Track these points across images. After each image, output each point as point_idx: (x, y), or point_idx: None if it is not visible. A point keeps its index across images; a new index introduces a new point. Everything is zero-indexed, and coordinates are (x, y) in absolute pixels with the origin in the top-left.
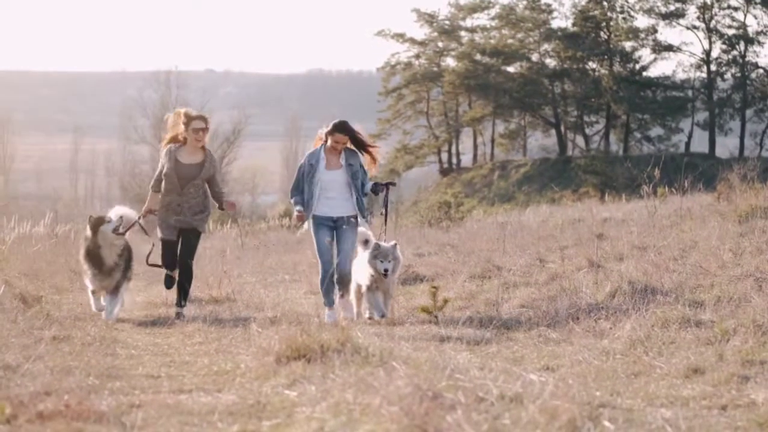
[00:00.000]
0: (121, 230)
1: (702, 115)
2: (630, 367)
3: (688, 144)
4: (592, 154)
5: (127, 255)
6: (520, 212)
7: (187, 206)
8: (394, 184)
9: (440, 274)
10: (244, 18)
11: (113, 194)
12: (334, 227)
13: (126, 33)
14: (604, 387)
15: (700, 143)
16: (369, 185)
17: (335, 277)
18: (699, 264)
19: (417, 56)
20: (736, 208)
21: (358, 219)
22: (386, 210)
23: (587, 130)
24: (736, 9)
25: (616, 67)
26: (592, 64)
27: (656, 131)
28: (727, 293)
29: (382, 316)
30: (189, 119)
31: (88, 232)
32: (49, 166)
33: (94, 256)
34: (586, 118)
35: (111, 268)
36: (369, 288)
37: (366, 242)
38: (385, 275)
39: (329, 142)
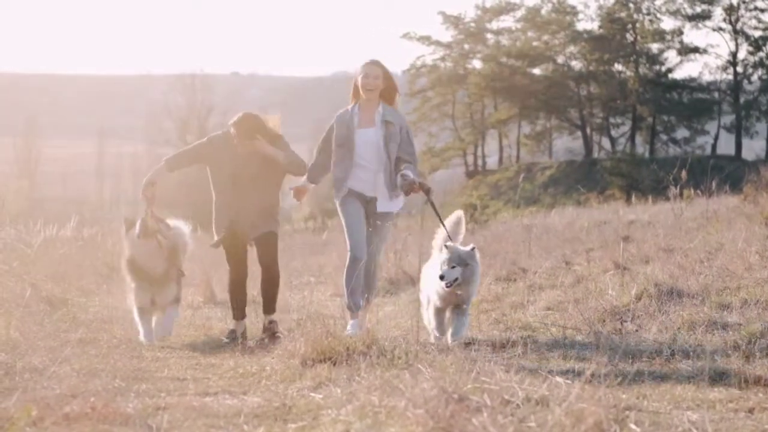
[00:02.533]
0: (140, 235)
1: (728, 118)
2: (657, 369)
3: (714, 146)
4: (618, 156)
5: (177, 262)
6: (545, 214)
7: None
8: (430, 190)
9: None
10: (269, 21)
11: (139, 197)
12: (366, 207)
13: (151, 36)
14: (630, 390)
15: (726, 145)
16: (406, 172)
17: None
18: (725, 266)
19: (443, 59)
20: (762, 210)
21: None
22: (436, 211)
23: (613, 132)
24: (762, 10)
25: (642, 69)
26: (618, 66)
27: (682, 133)
28: (753, 296)
29: (452, 340)
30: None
31: (125, 238)
32: (74, 169)
33: (135, 266)
34: (611, 120)
35: (159, 279)
36: (439, 303)
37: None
38: (450, 284)
39: (360, 82)
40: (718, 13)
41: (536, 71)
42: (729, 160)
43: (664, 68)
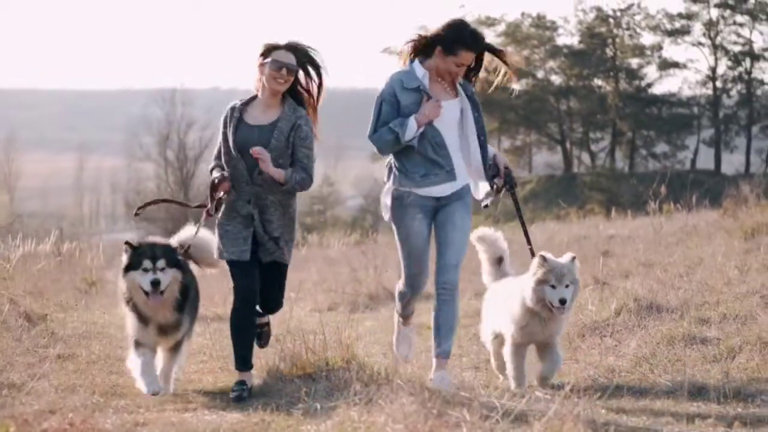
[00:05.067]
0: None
1: (708, 132)
2: (636, 385)
3: (693, 161)
4: (598, 170)
5: (192, 294)
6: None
7: None
8: (515, 185)
9: None
10: (248, 36)
11: (118, 212)
12: (434, 211)
13: (131, 51)
14: (609, 405)
15: (705, 160)
16: (492, 150)
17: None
18: (705, 281)
19: None
20: (742, 224)
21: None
22: (520, 215)
23: (593, 147)
24: (741, 25)
25: (622, 84)
26: (597, 81)
27: (662, 148)
28: (732, 310)
29: (541, 384)
30: None
31: (121, 272)
32: (54, 183)
33: (136, 309)
34: (591, 135)
35: (164, 325)
36: (520, 337)
37: (500, 260)
38: (561, 309)
39: (440, 63)
40: (698, 28)
41: (516, 86)
42: (708, 174)
43: (643, 83)
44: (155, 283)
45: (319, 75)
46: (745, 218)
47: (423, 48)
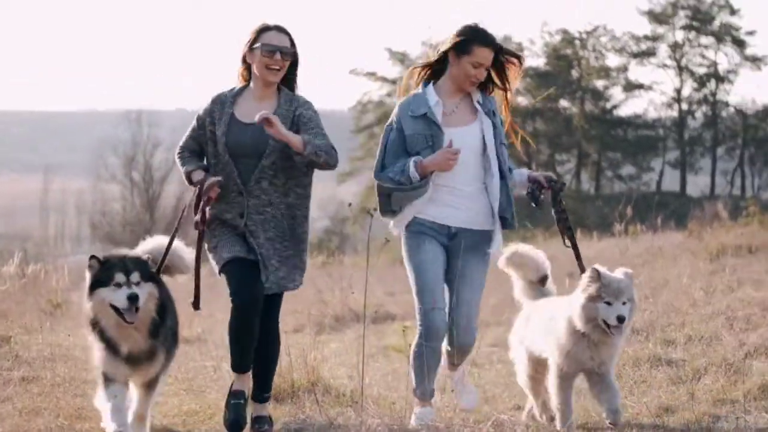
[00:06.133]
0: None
1: (673, 154)
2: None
3: (659, 182)
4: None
5: (169, 316)
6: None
7: None
8: (563, 184)
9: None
10: (214, 58)
11: (83, 233)
12: (448, 246)
13: (97, 72)
14: (576, 426)
15: (671, 182)
16: (517, 173)
17: (446, 344)
18: (670, 302)
19: (389, 94)
20: (707, 246)
21: (495, 239)
22: (566, 223)
23: (558, 169)
24: (706, 47)
25: (588, 106)
26: (563, 103)
27: (627, 170)
28: (698, 332)
29: (614, 419)
30: None
31: (86, 291)
32: (19, 204)
33: (99, 330)
34: (557, 157)
35: (136, 355)
36: (567, 365)
37: (544, 279)
38: (619, 329)
39: (455, 69)
40: (663, 50)
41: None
42: (674, 196)
43: (609, 105)
44: (132, 298)
45: None
46: (710, 240)
47: (435, 65)
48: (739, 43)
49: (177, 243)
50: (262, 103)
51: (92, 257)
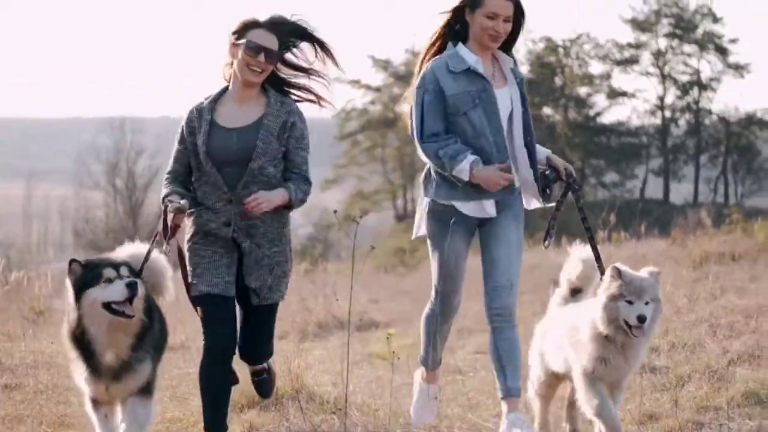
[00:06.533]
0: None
1: (656, 162)
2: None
3: (642, 190)
4: None
5: (156, 327)
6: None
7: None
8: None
9: (396, 320)
10: (198, 66)
11: (66, 240)
12: (476, 227)
13: (80, 79)
14: None
15: (654, 189)
16: (540, 150)
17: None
18: None
19: (372, 102)
20: (690, 253)
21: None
22: (587, 227)
23: None
24: (689, 55)
25: (571, 113)
26: (546, 110)
27: (611, 177)
28: (681, 339)
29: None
30: None
31: (70, 298)
32: (2, 211)
33: (83, 342)
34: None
35: (121, 365)
36: (592, 367)
37: (579, 290)
38: (639, 329)
39: (473, 27)
40: (646, 57)
41: None
42: (657, 203)
43: (592, 112)
44: (131, 286)
45: (326, 50)
46: (694, 247)
47: (455, 30)
48: (722, 51)
49: (164, 263)
50: (244, 105)
51: (72, 261)
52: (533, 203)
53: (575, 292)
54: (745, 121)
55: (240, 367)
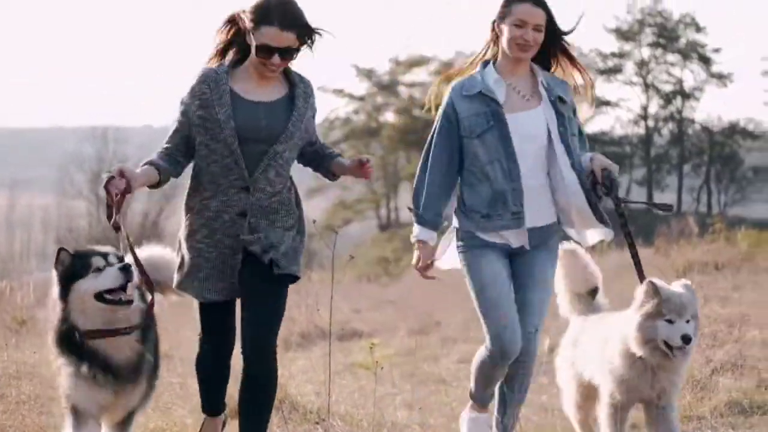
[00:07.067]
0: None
1: (640, 171)
2: (569, 424)
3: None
4: None
5: (150, 345)
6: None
7: None
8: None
9: (379, 330)
10: (181, 75)
11: (49, 250)
12: (513, 250)
13: (63, 88)
14: None
15: (638, 199)
16: (588, 157)
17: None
18: None
19: (356, 111)
20: (673, 262)
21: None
22: (627, 232)
23: None
24: (672, 65)
25: None
26: None
27: None
28: None
29: None
30: None
31: (55, 291)
32: None
33: (71, 344)
34: None
35: (119, 372)
36: (622, 394)
37: (595, 291)
38: (684, 350)
39: (503, 39)
40: (630, 67)
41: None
42: (641, 212)
43: None
44: (125, 269)
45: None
46: (677, 256)
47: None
48: (705, 61)
49: (169, 255)
50: (263, 81)
51: (61, 249)
52: (590, 236)
53: (593, 293)
54: (728, 130)
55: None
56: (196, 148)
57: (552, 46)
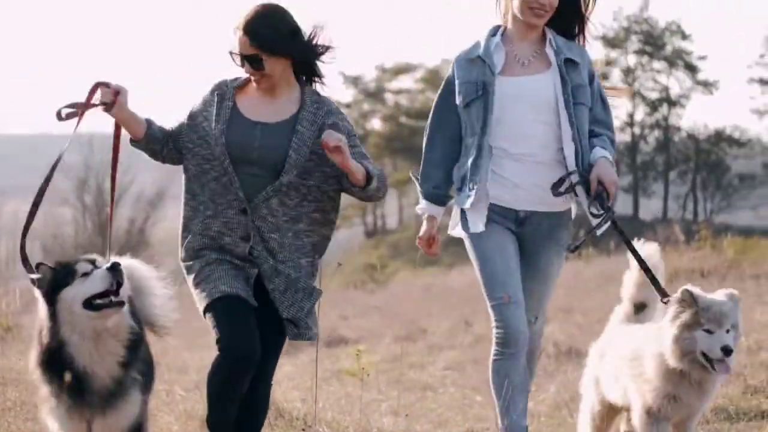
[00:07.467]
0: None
1: (626, 178)
2: (555, 430)
3: None
4: None
5: (143, 362)
6: (445, 274)
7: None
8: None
9: (365, 337)
10: (168, 83)
11: (35, 257)
12: (518, 233)
13: (49, 95)
14: None
15: (624, 206)
16: (599, 152)
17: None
18: None
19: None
20: None
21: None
22: (631, 248)
23: None
24: (659, 72)
25: None
26: None
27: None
28: None
29: None
30: None
31: (42, 310)
32: None
33: (60, 363)
34: None
35: (109, 389)
36: (657, 404)
37: (644, 305)
38: (725, 364)
39: (514, 2)
40: (616, 74)
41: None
42: (627, 220)
43: None
44: (114, 268)
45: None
46: (663, 263)
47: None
48: (691, 68)
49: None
50: (271, 98)
51: (40, 264)
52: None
53: (639, 308)
54: (714, 137)
55: None
56: (198, 162)
57: (574, 20)
